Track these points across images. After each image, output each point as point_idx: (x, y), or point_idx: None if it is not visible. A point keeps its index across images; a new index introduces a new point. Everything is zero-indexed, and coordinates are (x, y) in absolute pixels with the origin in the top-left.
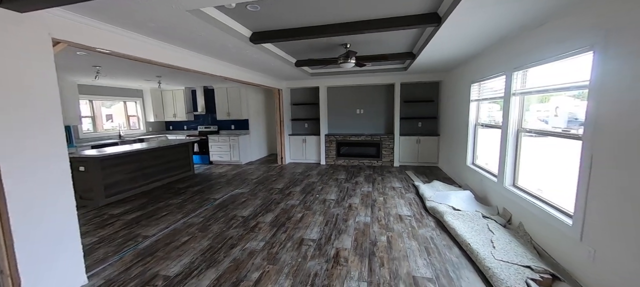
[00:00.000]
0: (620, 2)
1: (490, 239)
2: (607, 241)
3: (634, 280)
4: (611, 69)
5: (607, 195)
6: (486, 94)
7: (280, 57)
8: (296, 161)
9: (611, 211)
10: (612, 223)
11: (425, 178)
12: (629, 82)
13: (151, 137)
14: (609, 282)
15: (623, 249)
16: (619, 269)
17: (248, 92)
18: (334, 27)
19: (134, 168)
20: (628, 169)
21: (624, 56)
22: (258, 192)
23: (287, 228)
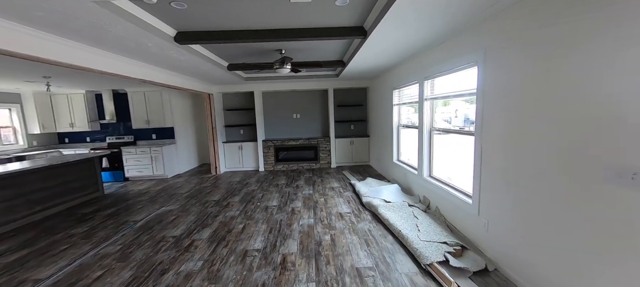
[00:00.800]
0: (494, 29)
1: (416, 224)
2: (495, 212)
3: (511, 239)
4: (489, 79)
5: (492, 177)
6: (405, 99)
7: (211, 60)
8: (233, 170)
9: (495, 189)
10: (496, 198)
11: (360, 176)
12: (499, 89)
13: (37, 153)
14: (498, 245)
15: (504, 217)
16: (502, 232)
17: (172, 97)
18: (268, 33)
19: (11, 195)
20: (504, 156)
21: (496, 69)
22: (190, 207)
23: (228, 241)
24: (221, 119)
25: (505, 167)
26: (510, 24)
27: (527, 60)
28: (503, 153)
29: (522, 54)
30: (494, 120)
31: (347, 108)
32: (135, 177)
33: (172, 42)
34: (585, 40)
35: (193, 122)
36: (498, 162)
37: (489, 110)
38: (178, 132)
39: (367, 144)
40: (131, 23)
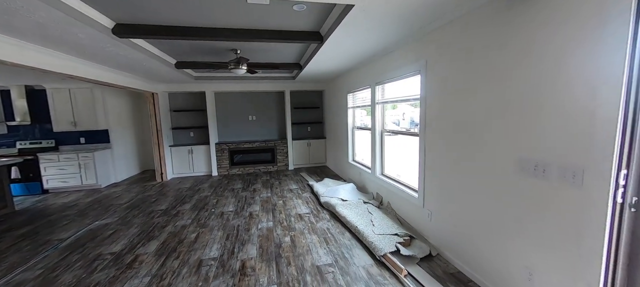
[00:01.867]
0: (434, 42)
1: (371, 219)
2: (436, 204)
3: (449, 226)
4: (429, 86)
5: (432, 173)
6: (359, 102)
7: (156, 57)
8: (182, 175)
9: (435, 183)
10: (436, 191)
11: (317, 177)
12: (436, 95)
13: None
14: (439, 232)
15: (442, 207)
16: (442, 221)
17: (106, 95)
18: (222, 32)
19: None
20: (440, 154)
21: (434, 78)
22: (132, 219)
23: (180, 253)
24: (167, 121)
25: (442, 163)
26: (445, 38)
27: (456, 70)
28: (440, 151)
29: (453, 65)
30: (433, 122)
31: (304, 110)
32: (58, 189)
33: (109, 34)
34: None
35: (133, 124)
36: (437, 159)
37: (429, 114)
38: (114, 136)
39: (324, 146)
40: (58, 10)
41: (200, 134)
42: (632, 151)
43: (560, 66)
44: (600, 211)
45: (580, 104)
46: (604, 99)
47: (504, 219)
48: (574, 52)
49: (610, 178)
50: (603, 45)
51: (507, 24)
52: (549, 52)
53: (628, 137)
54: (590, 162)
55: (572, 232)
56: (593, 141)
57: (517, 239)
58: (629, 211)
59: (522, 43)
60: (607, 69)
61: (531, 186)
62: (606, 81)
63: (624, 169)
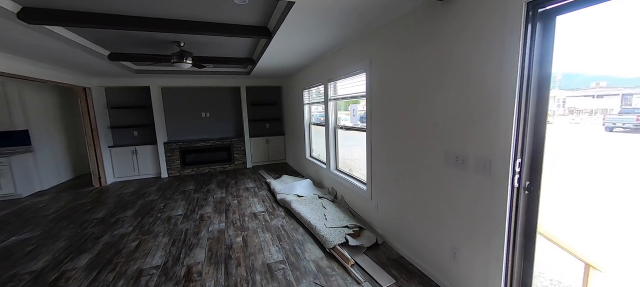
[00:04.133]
0: (378, 40)
1: (324, 213)
2: (381, 195)
3: (393, 215)
4: (373, 83)
5: (378, 166)
6: (314, 98)
7: (84, 47)
8: (125, 179)
9: (381, 176)
10: (382, 183)
11: (276, 174)
12: (378, 92)
13: None
14: (385, 222)
15: (387, 198)
16: (387, 211)
17: (24, 91)
18: (160, 22)
19: None
20: (383, 148)
21: (377, 75)
22: (59, 231)
23: (117, 264)
24: (104, 119)
25: (385, 157)
26: (387, 38)
27: (395, 70)
28: (383, 146)
29: (392, 64)
30: (376, 118)
31: (261, 107)
32: None
33: (14, 20)
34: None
35: (61, 124)
36: (381, 153)
37: (374, 111)
38: (37, 137)
39: (283, 142)
40: None
41: (146, 133)
42: (525, 143)
43: (474, 69)
44: (502, 194)
45: (487, 102)
46: (503, 98)
47: (433, 205)
48: (484, 58)
49: (509, 166)
50: (503, 52)
51: (437, 32)
52: (464, 57)
53: (521, 130)
54: (495, 153)
55: (484, 213)
56: (497, 134)
57: (444, 222)
58: (524, 193)
59: (445, 48)
60: (505, 73)
61: (453, 175)
62: (504, 83)
63: (518, 157)
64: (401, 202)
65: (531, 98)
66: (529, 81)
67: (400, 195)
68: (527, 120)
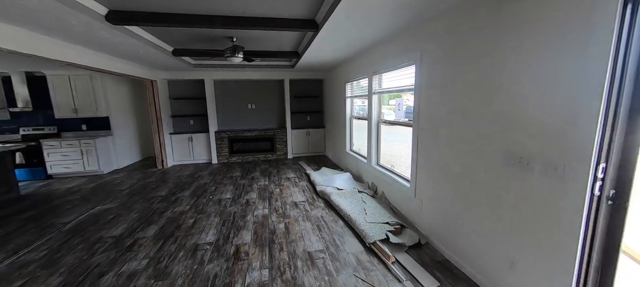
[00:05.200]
0: (429, 33)
1: (364, 208)
2: (427, 194)
3: (439, 215)
4: (424, 77)
5: (425, 163)
6: (356, 91)
7: (153, 44)
8: (182, 163)
9: (427, 174)
10: (428, 181)
11: (315, 166)
12: (430, 86)
13: None
14: (429, 221)
15: (433, 197)
16: (432, 210)
17: (106, 83)
18: (217, 19)
19: None
20: (433, 145)
21: (428, 69)
22: (133, 204)
23: (177, 237)
24: (167, 109)
25: (434, 154)
26: (441, 30)
27: (450, 63)
28: (432, 142)
29: (447, 57)
30: (426, 114)
31: (303, 99)
32: (61, 174)
33: (103, 21)
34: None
35: (134, 112)
36: (428, 150)
37: (423, 105)
38: (115, 123)
39: (323, 135)
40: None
41: (200, 122)
42: (612, 145)
43: (546, 67)
44: (578, 202)
45: (563, 98)
46: (586, 93)
47: (489, 209)
48: (560, 56)
49: (589, 171)
50: (589, 38)
51: (497, 22)
52: (534, 53)
53: (609, 130)
54: (571, 156)
55: (552, 222)
56: (575, 134)
57: (500, 228)
58: (606, 204)
59: (511, 37)
60: (591, 64)
61: (515, 177)
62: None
63: (602, 162)
64: (450, 203)
65: (624, 92)
66: (623, 72)
67: (449, 195)
68: (617, 119)
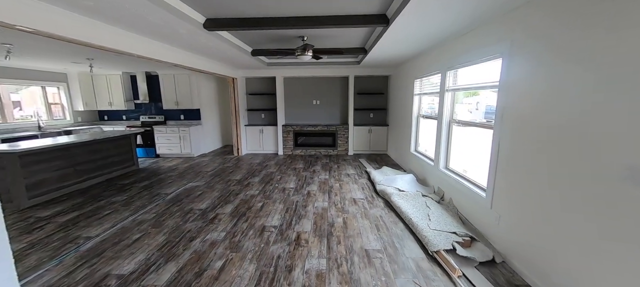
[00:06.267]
0: (523, 19)
1: (427, 213)
2: (508, 206)
3: (523, 233)
4: (513, 72)
5: (508, 171)
6: (426, 89)
7: (236, 46)
8: (253, 152)
9: (510, 184)
10: (510, 193)
11: (376, 165)
12: (522, 83)
13: (81, 128)
14: (508, 238)
15: (517, 211)
16: (514, 226)
17: (199, 80)
18: (290, 20)
19: (63, 164)
20: (522, 151)
21: (521, 63)
22: (215, 184)
23: (248, 217)
24: (244, 103)
25: (520, 161)
26: (537, 16)
27: (550, 55)
28: (518, 148)
29: (546, 48)
30: (513, 114)
31: (367, 96)
32: (165, 155)
33: (201, 28)
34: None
35: (217, 105)
36: (514, 156)
37: (510, 105)
38: (204, 114)
39: (386, 133)
40: (166, 11)
41: (270, 116)
42: None
43: None
44: None
45: None
46: None
47: (598, 236)
48: None
49: None
50: None
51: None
52: None
53: None
54: None
55: None
56: None
57: (611, 260)
58: None
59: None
60: None
61: None
62: None
63: None
64: (539, 220)
65: None
66: None
67: (539, 211)
68: None
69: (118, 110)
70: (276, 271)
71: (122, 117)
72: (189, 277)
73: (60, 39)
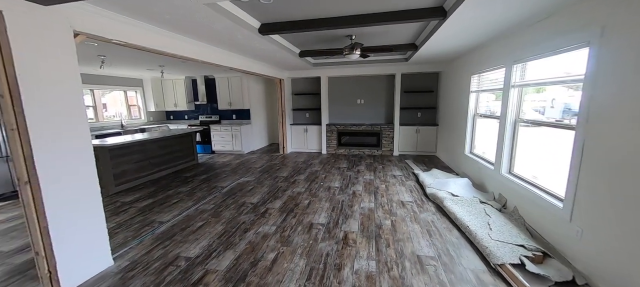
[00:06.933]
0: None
1: (487, 221)
2: (593, 220)
3: (615, 253)
4: (606, 62)
5: (595, 180)
6: (486, 85)
7: (286, 48)
8: (298, 150)
9: (598, 194)
10: (597, 205)
11: (424, 167)
12: (620, 75)
13: (152, 126)
14: (593, 257)
15: (606, 227)
16: (601, 244)
17: (249, 82)
18: (342, 20)
19: (140, 157)
20: (618, 157)
21: (617, 51)
22: (264, 180)
23: (296, 213)
24: (289, 103)
25: (615, 167)
26: None
27: None
28: (612, 151)
29: None
30: (608, 113)
31: (414, 94)
32: (219, 151)
33: (256, 33)
34: None
35: (265, 105)
36: (608, 163)
37: (600, 100)
38: (253, 114)
39: (435, 133)
40: (227, 19)
41: (314, 116)
42: None
43: None
44: None
45: None
46: None
47: None
48: None
49: None
50: None
51: None
52: None
53: None
54: None
55: None
56: None
57: None
58: None
59: None
60: None
61: None
62: None
63: None
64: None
65: None
66: None
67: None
68: None
69: (181, 110)
70: (325, 269)
71: (184, 117)
72: (245, 266)
73: (144, 49)
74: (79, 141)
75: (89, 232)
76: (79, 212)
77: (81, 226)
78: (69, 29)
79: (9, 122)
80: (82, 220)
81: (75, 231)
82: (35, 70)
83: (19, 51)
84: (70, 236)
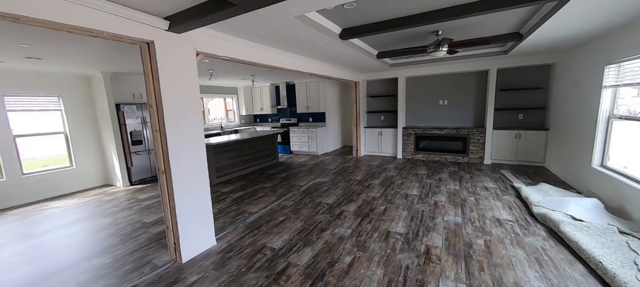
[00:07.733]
0: None
1: (634, 260)
2: None
3: None
4: None
5: None
6: (628, 78)
7: (364, 50)
8: (371, 154)
9: None
10: None
11: (527, 179)
12: None
13: (243, 128)
14: None
15: None
16: None
17: (326, 86)
18: (429, 15)
19: (235, 155)
20: None
21: None
22: (338, 182)
23: (372, 219)
24: (364, 106)
25: None
26: None
27: None
28: None
29: None
30: None
31: (514, 92)
32: (297, 152)
33: (337, 38)
34: None
35: (339, 108)
36: None
37: None
38: (328, 117)
39: (544, 140)
40: (312, 27)
41: (390, 118)
42: None
43: None
44: None
45: None
46: None
47: None
48: None
49: None
50: None
51: None
52: None
53: None
54: None
55: None
56: None
57: None
58: None
59: None
60: None
61: None
62: None
63: None
64: None
65: None
66: None
67: None
68: None
69: (265, 114)
70: (406, 283)
71: (268, 120)
72: (322, 265)
73: (242, 62)
74: (197, 141)
75: (201, 215)
76: (194, 197)
77: (195, 209)
78: (193, 50)
79: (155, 125)
80: (196, 204)
81: (191, 213)
82: (171, 85)
83: (162, 70)
84: (188, 217)
